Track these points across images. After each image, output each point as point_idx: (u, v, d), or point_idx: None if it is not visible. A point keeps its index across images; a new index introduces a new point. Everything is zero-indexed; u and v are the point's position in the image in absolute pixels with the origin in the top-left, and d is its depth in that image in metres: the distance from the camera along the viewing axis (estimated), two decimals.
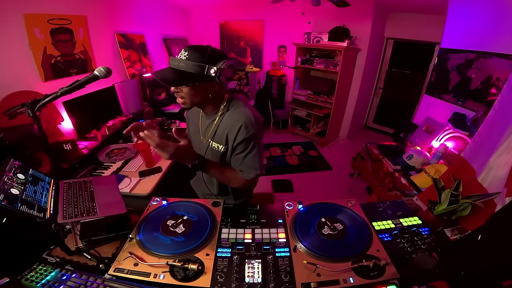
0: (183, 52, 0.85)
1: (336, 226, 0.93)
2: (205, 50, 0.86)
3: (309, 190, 2.94)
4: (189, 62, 0.84)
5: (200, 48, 0.86)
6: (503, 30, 1.87)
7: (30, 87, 1.79)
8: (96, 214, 0.92)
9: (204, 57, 0.85)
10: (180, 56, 0.85)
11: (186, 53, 0.84)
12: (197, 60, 0.84)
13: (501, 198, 0.95)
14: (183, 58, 0.84)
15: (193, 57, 0.84)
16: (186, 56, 0.84)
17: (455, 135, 2.04)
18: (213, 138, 1.02)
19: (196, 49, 0.86)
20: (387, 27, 3.72)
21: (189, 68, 0.84)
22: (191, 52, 0.85)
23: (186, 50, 0.85)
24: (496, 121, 1.19)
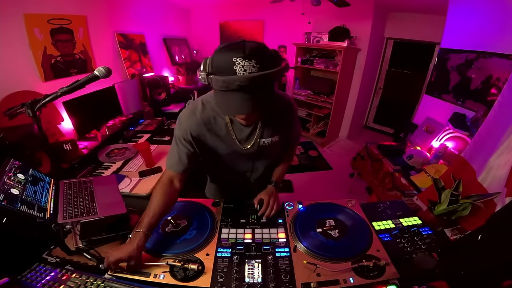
0: (249, 64, 0.62)
1: (336, 226, 0.93)
2: (266, 49, 0.67)
3: (309, 190, 2.93)
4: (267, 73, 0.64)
5: (262, 48, 0.66)
6: (503, 30, 1.87)
7: (30, 87, 1.79)
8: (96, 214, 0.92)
9: (273, 59, 0.68)
10: (246, 69, 0.62)
11: (255, 62, 0.62)
12: (272, 64, 0.66)
13: (501, 198, 0.95)
14: (254, 71, 0.62)
15: (267, 63, 0.65)
16: (256, 66, 0.63)
17: (455, 135, 2.04)
18: (262, 136, 0.93)
19: (262, 52, 0.65)
20: (387, 27, 3.72)
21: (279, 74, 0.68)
22: (261, 58, 0.63)
23: (253, 59, 0.62)
24: (496, 121, 1.19)
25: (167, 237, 0.89)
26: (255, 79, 0.63)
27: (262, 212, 0.97)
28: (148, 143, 1.81)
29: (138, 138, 2.18)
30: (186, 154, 0.89)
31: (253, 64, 0.62)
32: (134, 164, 1.74)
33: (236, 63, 0.61)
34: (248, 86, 0.63)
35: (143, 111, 2.65)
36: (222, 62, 0.64)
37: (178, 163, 0.90)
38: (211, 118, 0.88)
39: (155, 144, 2.00)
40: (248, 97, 0.66)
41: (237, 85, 0.63)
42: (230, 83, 0.63)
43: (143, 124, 2.49)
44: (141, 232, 0.76)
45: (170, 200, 0.87)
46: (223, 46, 0.67)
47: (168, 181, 0.90)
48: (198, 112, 0.86)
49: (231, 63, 0.62)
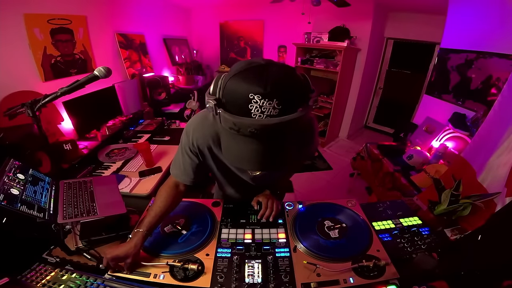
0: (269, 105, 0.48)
1: (336, 226, 0.93)
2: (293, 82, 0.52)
3: (309, 190, 2.93)
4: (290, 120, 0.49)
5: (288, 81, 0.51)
6: (503, 30, 1.87)
7: (30, 87, 1.79)
8: (96, 214, 0.92)
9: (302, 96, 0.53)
10: (263, 110, 0.48)
11: (276, 103, 0.48)
12: (298, 102, 0.52)
13: (501, 198, 0.95)
14: (274, 114, 0.49)
15: (292, 104, 0.50)
16: (277, 108, 0.49)
17: (455, 135, 2.04)
18: None
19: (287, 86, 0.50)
20: (387, 27, 3.72)
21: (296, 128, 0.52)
22: (285, 96, 0.49)
23: (275, 98, 0.48)
24: (496, 121, 1.19)
25: (167, 237, 0.89)
26: (273, 127, 0.49)
27: (261, 214, 0.97)
28: (148, 143, 1.81)
29: (138, 138, 2.18)
30: (190, 166, 0.84)
31: (274, 105, 0.48)
32: (134, 164, 1.74)
33: (253, 101, 0.48)
34: (264, 134, 0.50)
35: (143, 111, 2.65)
36: (235, 94, 0.50)
37: (183, 173, 0.86)
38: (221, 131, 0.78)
39: (155, 144, 2.00)
40: (262, 149, 0.52)
41: (249, 132, 0.49)
42: (242, 127, 0.49)
43: (143, 124, 2.49)
44: (140, 232, 0.77)
45: (173, 202, 0.88)
46: (242, 69, 0.51)
47: (174, 184, 0.90)
48: (206, 124, 0.77)
49: (246, 99, 0.48)
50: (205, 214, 0.99)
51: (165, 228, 0.92)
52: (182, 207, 1.03)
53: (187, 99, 2.84)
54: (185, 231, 0.91)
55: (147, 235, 0.79)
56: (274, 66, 0.51)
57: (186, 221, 0.96)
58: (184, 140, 0.82)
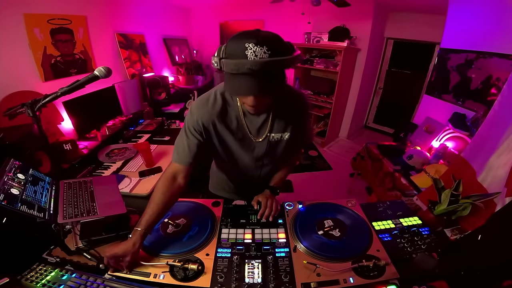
0: (261, 50, 0.63)
1: (336, 226, 0.93)
2: (279, 39, 0.70)
3: (309, 190, 2.93)
4: (277, 60, 0.66)
5: (275, 37, 0.69)
6: (503, 30, 1.87)
7: (30, 87, 1.79)
8: (96, 214, 0.93)
9: (286, 49, 0.70)
10: (257, 54, 0.63)
11: (266, 49, 0.64)
12: (283, 53, 0.68)
13: (501, 198, 0.95)
14: (266, 57, 0.64)
15: (279, 51, 0.67)
16: (268, 53, 0.64)
17: (455, 135, 2.04)
18: (272, 131, 0.93)
19: (274, 40, 0.68)
20: (387, 27, 3.72)
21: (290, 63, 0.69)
22: (272, 45, 0.65)
23: (265, 45, 0.64)
24: (496, 121, 1.19)
25: (167, 237, 0.89)
26: (264, 64, 0.64)
27: (261, 213, 0.97)
28: (148, 143, 1.81)
29: (138, 138, 2.18)
30: (196, 145, 0.88)
31: (265, 50, 0.63)
32: (134, 164, 1.74)
33: (248, 48, 0.63)
34: (258, 70, 0.64)
35: (143, 111, 2.65)
36: (235, 47, 0.66)
37: (187, 154, 0.88)
38: (223, 109, 0.88)
39: (155, 144, 2.00)
40: (257, 81, 0.67)
41: (247, 69, 0.64)
42: (241, 66, 0.64)
43: (143, 124, 2.49)
44: (139, 231, 0.77)
45: (171, 198, 0.86)
46: (238, 33, 0.68)
47: (172, 177, 0.88)
48: (210, 103, 0.86)
49: (243, 48, 0.64)
50: (205, 214, 0.99)
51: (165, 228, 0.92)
52: (182, 207, 1.03)
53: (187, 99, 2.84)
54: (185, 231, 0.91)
55: (146, 234, 0.79)
56: (264, 31, 0.68)
57: (186, 221, 0.96)
58: (188, 120, 0.88)
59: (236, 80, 0.69)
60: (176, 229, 0.92)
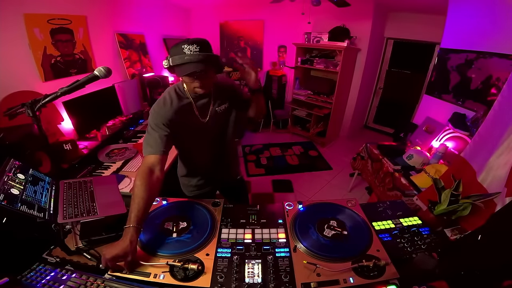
0: (193, 47, 0.90)
1: (336, 226, 0.93)
2: (204, 40, 0.96)
3: (309, 190, 2.93)
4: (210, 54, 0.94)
5: (202, 39, 0.95)
6: (503, 30, 1.87)
7: (30, 87, 1.79)
8: (96, 214, 0.93)
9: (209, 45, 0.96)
10: (191, 50, 0.90)
11: (196, 45, 0.90)
12: (209, 49, 0.95)
13: (501, 198, 0.95)
14: (197, 50, 0.90)
15: (206, 47, 0.93)
16: (198, 48, 0.91)
17: (455, 135, 2.04)
18: (215, 105, 1.13)
19: (201, 41, 0.94)
20: (387, 27, 3.72)
21: (215, 58, 0.96)
22: (200, 43, 0.92)
23: (195, 43, 0.90)
24: (496, 121, 1.19)
25: (167, 237, 0.89)
26: (198, 55, 0.90)
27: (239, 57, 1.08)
28: None
29: (138, 138, 2.18)
30: (165, 136, 0.99)
31: (195, 46, 0.90)
32: (134, 164, 1.74)
33: (185, 47, 0.90)
34: (195, 58, 0.90)
35: (143, 111, 2.65)
36: (176, 50, 0.92)
37: (159, 144, 0.97)
38: (179, 103, 1.05)
39: None
40: (196, 64, 0.91)
41: (186, 59, 0.90)
42: (182, 58, 0.90)
43: (143, 124, 2.49)
44: (131, 227, 0.78)
45: (153, 191, 0.89)
46: (175, 43, 0.93)
47: (148, 170, 0.92)
48: (168, 101, 1.04)
49: (181, 48, 0.90)
50: (205, 214, 0.99)
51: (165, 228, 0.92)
52: (182, 207, 1.04)
53: None
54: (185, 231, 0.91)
55: (138, 230, 0.80)
56: (193, 38, 0.94)
57: (186, 221, 0.96)
58: (153, 119, 1.01)
59: (183, 67, 0.92)
60: (176, 229, 0.92)
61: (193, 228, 0.93)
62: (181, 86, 1.08)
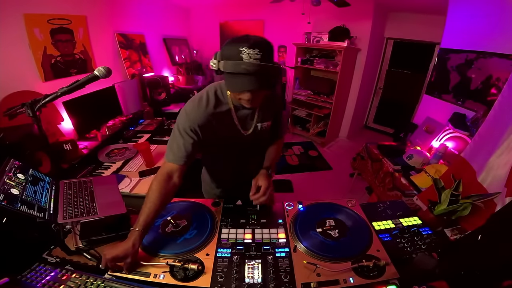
0: (253, 52, 0.72)
1: (336, 226, 0.93)
2: (268, 42, 0.78)
3: (309, 190, 2.93)
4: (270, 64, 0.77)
5: (264, 40, 0.77)
6: (503, 30, 1.86)
7: (30, 87, 1.79)
8: (96, 214, 0.92)
9: (272, 49, 0.79)
10: (250, 56, 0.73)
11: (258, 51, 0.73)
12: (272, 54, 0.78)
13: (501, 198, 0.95)
14: (258, 57, 0.73)
15: (269, 52, 0.76)
16: (260, 54, 0.73)
17: (455, 135, 2.04)
18: (259, 121, 1.02)
19: (264, 43, 0.76)
20: (387, 27, 3.72)
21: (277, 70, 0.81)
22: (263, 47, 0.74)
23: (257, 48, 0.73)
24: (496, 121, 1.19)
25: (167, 237, 0.89)
26: (258, 66, 0.74)
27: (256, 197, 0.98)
28: (148, 143, 1.81)
29: (138, 138, 2.18)
30: (191, 145, 0.90)
31: (257, 51, 0.73)
32: (134, 164, 1.74)
33: (243, 51, 0.72)
34: (253, 70, 0.73)
35: (143, 111, 2.65)
36: (231, 51, 0.75)
37: (182, 154, 0.89)
38: (216, 108, 0.93)
39: (155, 144, 2.00)
40: (253, 78, 0.76)
41: (243, 68, 0.73)
42: (237, 66, 0.74)
43: (143, 124, 2.49)
44: (137, 231, 0.77)
45: (167, 197, 0.87)
46: (230, 39, 0.77)
47: (167, 176, 0.88)
48: (203, 103, 0.91)
49: (238, 51, 0.73)
50: (205, 214, 0.99)
51: (165, 228, 0.92)
52: (182, 207, 1.03)
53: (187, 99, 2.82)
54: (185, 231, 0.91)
55: (143, 234, 0.79)
56: (253, 35, 0.76)
57: (186, 221, 0.96)
58: (182, 122, 0.91)
59: (235, 79, 0.77)
60: (176, 229, 0.92)
61: (193, 228, 0.93)
62: (223, 87, 0.93)
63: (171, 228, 0.92)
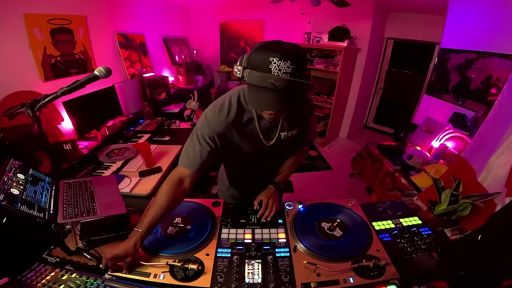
0: (285, 65, 0.64)
1: (336, 226, 0.93)
2: (301, 52, 0.70)
3: (309, 190, 2.93)
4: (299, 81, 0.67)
5: (297, 50, 0.68)
6: (503, 30, 1.87)
7: (30, 87, 1.79)
8: (96, 214, 0.92)
9: (305, 60, 0.72)
10: (281, 69, 0.64)
11: (290, 63, 0.64)
12: (304, 67, 0.71)
13: (501, 198, 0.95)
14: (289, 72, 0.65)
15: (301, 66, 0.68)
16: (291, 67, 0.65)
17: (455, 135, 2.04)
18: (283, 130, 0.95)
19: (297, 54, 0.67)
20: (387, 27, 3.72)
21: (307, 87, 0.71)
22: (295, 59, 0.65)
23: (289, 60, 0.64)
24: (496, 121, 1.19)
25: (167, 237, 0.89)
26: (287, 82, 0.65)
27: (261, 214, 0.98)
28: (148, 143, 1.81)
29: (138, 138, 2.18)
30: (207, 152, 0.86)
31: (288, 65, 0.64)
32: (134, 164, 1.74)
33: (272, 62, 0.64)
34: (281, 86, 0.65)
35: (143, 111, 2.65)
36: (259, 60, 0.67)
37: (197, 161, 0.86)
38: (237, 116, 0.88)
39: (155, 144, 2.00)
40: (280, 96, 0.68)
41: (270, 83, 0.65)
42: (264, 80, 0.66)
43: (143, 124, 2.49)
44: (140, 232, 0.77)
45: (175, 202, 0.85)
46: (261, 45, 0.69)
47: (178, 180, 0.86)
48: (225, 110, 0.86)
49: (267, 61, 0.65)
50: (205, 214, 0.99)
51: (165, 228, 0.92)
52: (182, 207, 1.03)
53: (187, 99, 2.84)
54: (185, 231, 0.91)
55: (146, 235, 0.79)
56: (286, 42, 0.69)
57: (186, 221, 0.96)
58: (202, 127, 0.87)
59: (259, 94, 0.70)
60: (176, 229, 0.92)
61: (193, 228, 0.93)
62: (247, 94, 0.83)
63: (171, 228, 0.92)
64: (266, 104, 0.71)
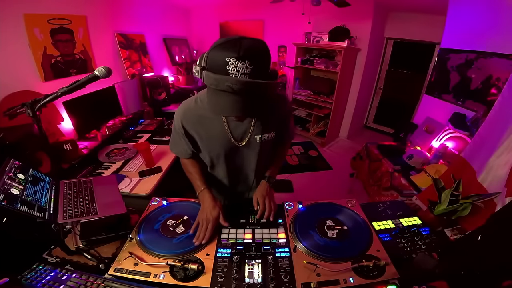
0: (243, 65, 0.60)
1: (336, 226, 0.93)
2: (263, 50, 0.65)
3: (309, 190, 2.93)
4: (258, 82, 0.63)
5: (258, 49, 0.64)
6: (503, 30, 1.86)
7: (30, 87, 1.79)
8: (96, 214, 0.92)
9: (267, 60, 0.66)
10: (238, 70, 0.60)
11: (248, 63, 0.60)
12: (265, 68, 0.65)
13: (501, 198, 0.95)
14: (248, 72, 0.61)
15: (261, 66, 0.64)
16: (250, 68, 0.61)
17: (455, 135, 2.04)
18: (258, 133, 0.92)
19: (257, 52, 0.63)
20: (387, 27, 3.72)
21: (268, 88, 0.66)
22: (254, 59, 0.61)
23: (247, 60, 0.60)
24: (496, 121, 1.19)
25: (167, 237, 0.89)
26: (245, 84, 0.61)
27: (259, 215, 0.98)
28: (148, 143, 1.81)
29: (138, 138, 2.18)
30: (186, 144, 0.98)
31: (246, 65, 0.60)
32: (134, 164, 1.74)
33: (229, 63, 0.60)
34: (238, 88, 0.61)
35: (143, 111, 2.65)
36: (216, 59, 0.62)
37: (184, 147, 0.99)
38: (205, 116, 0.89)
39: (155, 144, 2.00)
40: (239, 99, 0.64)
41: (226, 86, 0.61)
42: (221, 82, 0.61)
43: (143, 124, 2.49)
44: (205, 189, 0.95)
45: (200, 166, 1.02)
46: (219, 43, 0.64)
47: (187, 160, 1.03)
48: (191, 109, 0.90)
49: (224, 62, 0.60)
50: None
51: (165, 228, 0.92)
52: (182, 207, 1.03)
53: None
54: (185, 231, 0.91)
55: (210, 189, 0.96)
56: (246, 39, 0.63)
57: (186, 221, 0.95)
58: (176, 116, 0.94)
59: (217, 97, 0.66)
60: (176, 229, 0.92)
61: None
62: None
63: (171, 228, 0.92)
64: (225, 109, 0.66)
